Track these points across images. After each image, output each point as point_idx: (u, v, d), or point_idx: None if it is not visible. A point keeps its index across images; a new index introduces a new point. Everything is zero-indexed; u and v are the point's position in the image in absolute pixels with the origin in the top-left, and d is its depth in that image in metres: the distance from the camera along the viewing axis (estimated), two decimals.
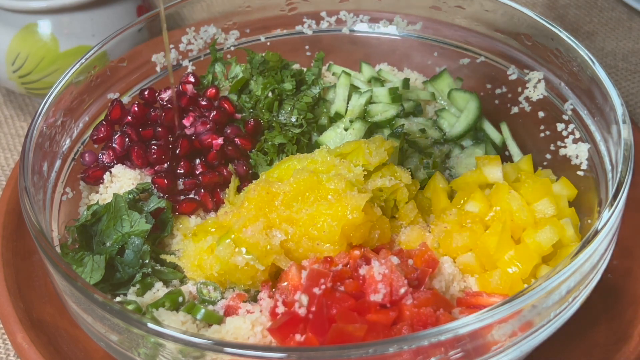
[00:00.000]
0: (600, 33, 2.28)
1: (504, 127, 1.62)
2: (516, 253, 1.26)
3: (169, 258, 1.33)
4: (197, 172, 1.46)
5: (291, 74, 1.62)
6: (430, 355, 0.98)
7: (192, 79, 1.62)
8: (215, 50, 1.69)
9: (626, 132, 1.23)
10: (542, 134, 1.56)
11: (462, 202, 1.36)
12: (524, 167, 1.44)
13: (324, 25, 1.77)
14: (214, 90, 1.59)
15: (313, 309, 1.09)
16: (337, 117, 1.58)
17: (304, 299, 1.10)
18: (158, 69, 1.67)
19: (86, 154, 1.49)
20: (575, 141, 1.47)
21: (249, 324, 1.16)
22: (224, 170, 1.47)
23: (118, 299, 1.26)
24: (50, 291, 1.39)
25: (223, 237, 1.26)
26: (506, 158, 1.58)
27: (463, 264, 1.29)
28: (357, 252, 1.22)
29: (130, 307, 1.19)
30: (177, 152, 1.46)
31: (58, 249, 1.31)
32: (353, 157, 1.37)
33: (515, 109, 1.63)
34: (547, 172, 1.45)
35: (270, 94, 1.58)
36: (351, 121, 1.54)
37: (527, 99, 1.60)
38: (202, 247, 1.29)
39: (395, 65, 1.78)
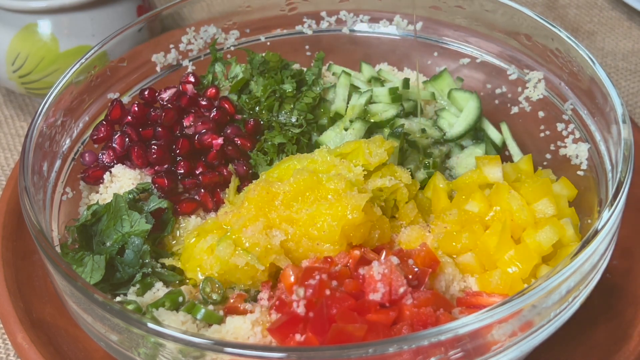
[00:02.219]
0: (600, 33, 2.28)
1: (504, 127, 1.62)
2: (516, 253, 1.25)
3: (169, 259, 1.33)
4: (197, 172, 1.46)
5: (291, 74, 1.62)
6: (430, 355, 0.98)
7: (192, 79, 1.62)
8: (215, 50, 1.69)
9: (626, 132, 1.23)
10: (542, 134, 1.56)
11: (462, 202, 1.36)
12: (524, 167, 1.44)
13: (324, 25, 1.77)
14: (214, 90, 1.59)
15: (309, 293, 1.09)
16: (337, 117, 1.58)
17: (300, 291, 1.10)
18: (158, 69, 1.67)
19: (86, 154, 1.49)
20: (575, 141, 1.47)
21: (249, 324, 1.16)
22: (224, 170, 1.47)
23: (118, 299, 1.26)
24: (50, 291, 1.39)
25: (223, 237, 1.26)
26: (506, 158, 1.58)
27: (463, 264, 1.29)
28: (357, 252, 1.22)
29: (130, 307, 1.19)
30: (177, 152, 1.46)
31: (58, 249, 1.31)
32: (353, 157, 1.37)
33: (515, 109, 1.63)
34: (547, 172, 1.45)
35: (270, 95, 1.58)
36: (351, 121, 1.54)
37: (527, 98, 1.60)
38: (202, 247, 1.29)
39: (395, 65, 1.78)
